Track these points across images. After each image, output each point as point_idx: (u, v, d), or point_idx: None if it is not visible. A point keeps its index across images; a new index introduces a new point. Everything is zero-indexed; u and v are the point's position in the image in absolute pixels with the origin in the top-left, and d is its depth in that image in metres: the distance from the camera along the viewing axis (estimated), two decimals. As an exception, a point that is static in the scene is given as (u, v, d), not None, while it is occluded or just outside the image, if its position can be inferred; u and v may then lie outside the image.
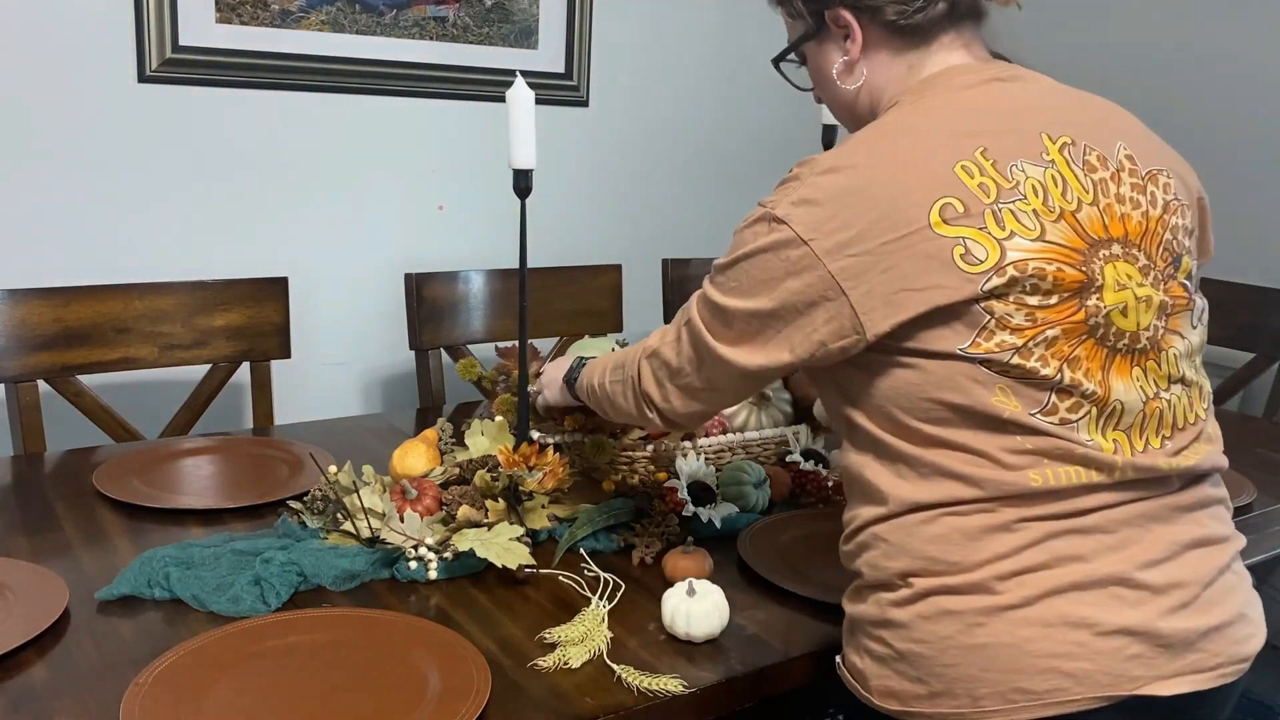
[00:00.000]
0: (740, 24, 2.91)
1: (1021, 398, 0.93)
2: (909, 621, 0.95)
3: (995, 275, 0.91)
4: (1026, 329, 0.92)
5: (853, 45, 1.05)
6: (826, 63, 1.08)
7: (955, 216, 0.92)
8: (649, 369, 1.13)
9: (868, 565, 1.00)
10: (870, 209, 0.93)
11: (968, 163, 0.94)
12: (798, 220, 0.95)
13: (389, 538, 1.25)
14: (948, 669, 0.93)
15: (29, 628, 1.07)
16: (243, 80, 2.21)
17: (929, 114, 0.99)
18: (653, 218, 2.87)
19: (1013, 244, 0.92)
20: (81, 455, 1.63)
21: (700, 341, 1.05)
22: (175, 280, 1.93)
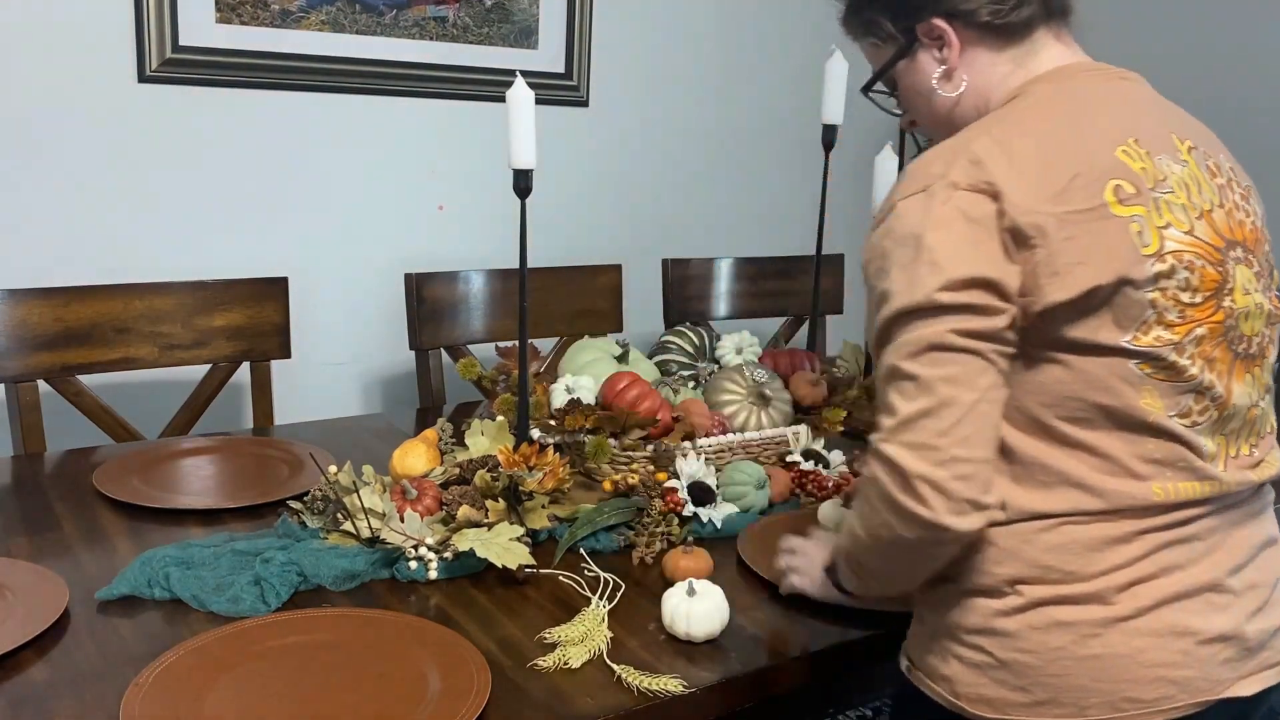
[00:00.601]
0: (740, 24, 2.91)
1: (1165, 399, 0.94)
2: (1017, 631, 0.95)
3: (1158, 260, 0.92)
4: (1178, 325, 0.94)
5: (950, 52, 1.04)
6: (923, 76, 1.07)
7: (1127, 197, 0.93)
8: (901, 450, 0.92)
9: (970, 569, 0.98)
10: (1054, 178, 0.92)
11: (1126, 148, 0.95)
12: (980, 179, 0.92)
13: (389, 538, 1.25)
14: (1056, 679, 0.94)
15: (29, 628, 1.07)
16: (243, 80, 2.21)
17: (1074, 99, 1.00)
18: (653, 218, 2.87)
19: (1169, 234, 0.94)
20: (81, 455, 1.63)
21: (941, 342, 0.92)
22: (175, 280, 1.93)
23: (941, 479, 0.89)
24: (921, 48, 1.06)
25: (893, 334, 0.94)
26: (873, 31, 1.09)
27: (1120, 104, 1.00)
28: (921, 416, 0.90)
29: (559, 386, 1.55)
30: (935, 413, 0.90)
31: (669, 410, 1.51)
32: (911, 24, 1.05)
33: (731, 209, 3.03)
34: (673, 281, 2.51)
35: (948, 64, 1.05)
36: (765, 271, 2.65)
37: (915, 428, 0.90)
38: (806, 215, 3.06)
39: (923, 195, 0.94)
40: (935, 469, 0.89)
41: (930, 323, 0.91)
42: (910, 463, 0.90)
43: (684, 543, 1.29)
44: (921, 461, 0.90)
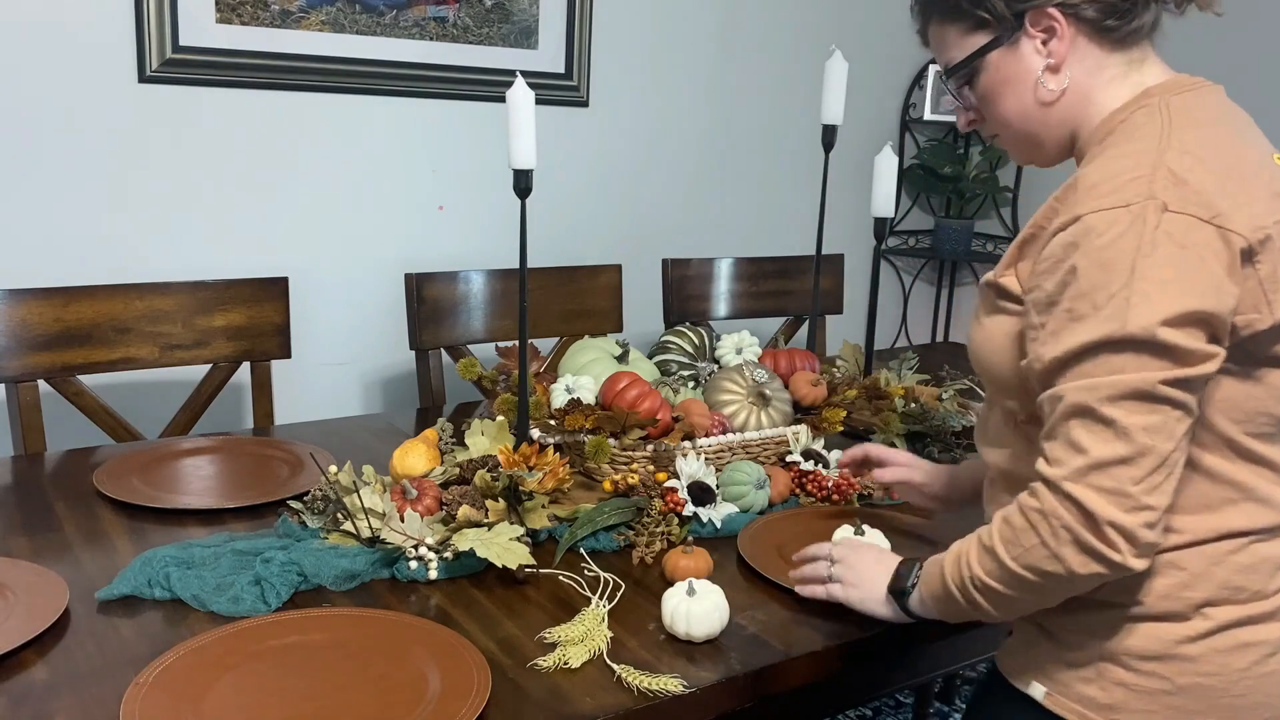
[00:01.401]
0: (740, 24, 2.92)
1: None
2: (1200, 655, 0.94)
3: None
4: None
5: (1059, 44, 1.00)
6: (1024, 68, 1.01)
7: None
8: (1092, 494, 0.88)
9: (1154, 595, 0.95)
10: (1258, 188, 0.92)
11: (1276, 156, 0.96)
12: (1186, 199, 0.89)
13: (389, 538, 1.25)
14: (1238, 699, 0.94)
15: (29, 628, 1.07)
16: (243, 80, 2.22)
17: (1218, 111, 0.98)
18: (653, 218, 2.87)
19: None
20: (82, 455, 1.63)
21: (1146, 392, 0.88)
22: (175, 280, 1.93)
23: (1131, 526, 0.88)
24: (1025, 36, 1.01)
25: (1084, 364, 0.89)
26: (969, 12, 1.02)
27: (1242, 117, 1.00)
28: (1117, 463, 0.87)
29: (559, 386, 1.55)
30: (1132, 461, 0.87)
31: (669, 410, 1.52)
32: (1024, 8, 1.00)
33: (731, 209, 3.03)
34: (673, 281, 2.51)
35: (1055, 57, 1.00)
36: (765, 271, 2.65)
37: (1109, 473, 0.88)
38: (806, 215, 3.06)
39: (1124, 212, 0.88)
40: (1126, 515, 0.87)
41: (1137, 361, 0.87)
42: (1102, 508, 0.88)
43: (684, 542, 1.29)
44: (1114, 507, 0.87)
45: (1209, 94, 1.00)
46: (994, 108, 1.06)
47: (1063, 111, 1.03)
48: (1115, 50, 1.01)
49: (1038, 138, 1.06)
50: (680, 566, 1.24)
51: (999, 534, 0.95)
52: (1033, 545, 0.92)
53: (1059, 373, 0.91)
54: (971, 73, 1.05)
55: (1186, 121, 0.95)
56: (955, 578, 0.99)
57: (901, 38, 3.27)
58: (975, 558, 0.97)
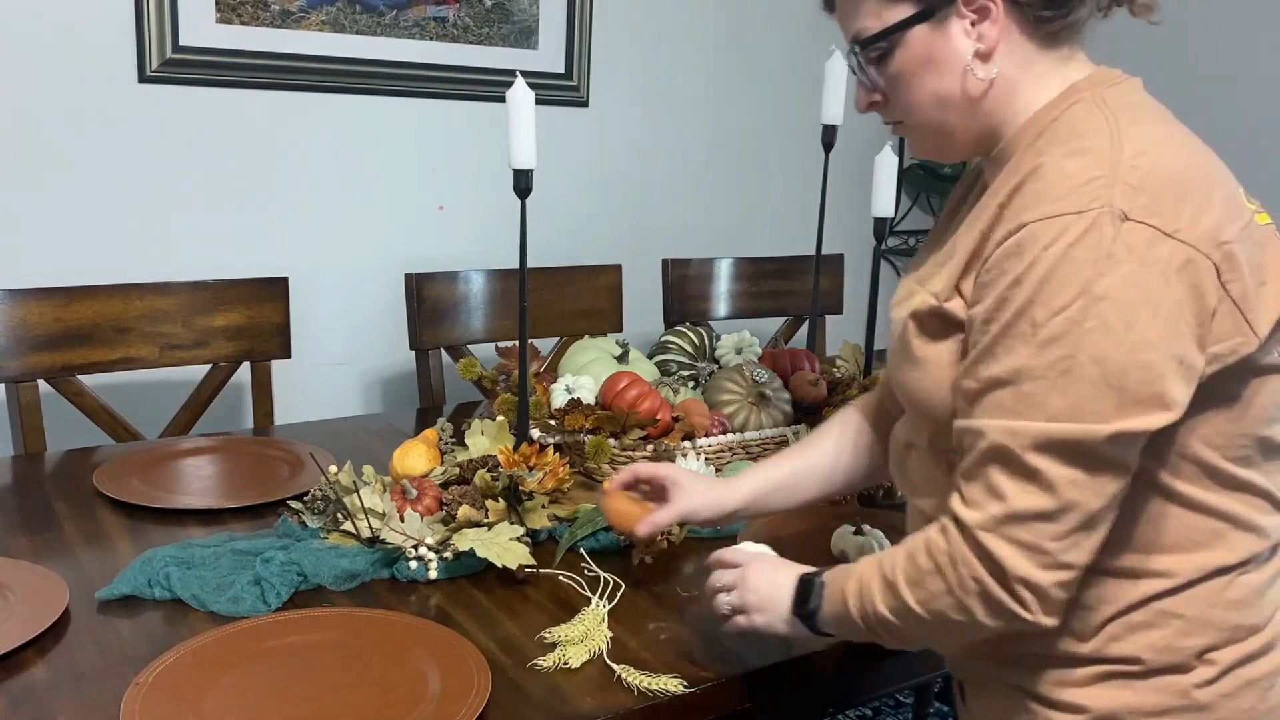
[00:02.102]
0: (740, 24, 2.91)
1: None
2: (1211, 703, 0.87)
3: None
4: None
5: (991, 28, 0.90)
6: (953, 51, 0.91)
7: (1258, 208, 0.89)
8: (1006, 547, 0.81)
9: (1152, 650, 0.87)
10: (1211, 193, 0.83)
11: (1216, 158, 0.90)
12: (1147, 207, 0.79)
13: (389, 538, 1.25)
14: None
15: (29, 628, 1.07)
16: (243, 80, 2.21)
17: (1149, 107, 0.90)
18: (653, 218, 2.87)
19: None
20: (81, 455, 1.63)
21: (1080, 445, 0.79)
22: (175, 280, 1.93)
23: (1044, 584, 0.81)
24: (956, 15, 0.90)
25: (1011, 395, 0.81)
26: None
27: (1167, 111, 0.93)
28: (1037, 518, 0.80)
29: (559, 386, 1.55)
30: (1054, 516, 0.80)
31: (669, 410, 1.52)
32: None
33: (731, 209, 3.03)
34: (673, 281, 2.51)
35: (985, 43, 0.90)
36: (765, 271, 2.65)
37: (1028, 527, 0.80)
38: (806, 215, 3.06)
39: (1076, 219, 0.79)
40: (1041, 572, 0.81)
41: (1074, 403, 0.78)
42: (1016, 563, 0.81)
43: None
44: (1028, 563, 0.80)
45: (1134, 88, 0.92)
46: (907, 91, 0.94)
47: (988, 104, 0.93)
48: (1046, 44, 0.92)
49: (950, 130, 0.95)
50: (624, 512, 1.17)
51: (903, 571, 0.88)
52: (938, 591, 0.85)
53: (980, 399, 0.83)
54: (887, 48, 0.93)
55: (1130, 118, 0.87)
56: (856, 606, 0.92)
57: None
58: (877, 590, 0.90)
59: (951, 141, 0.97)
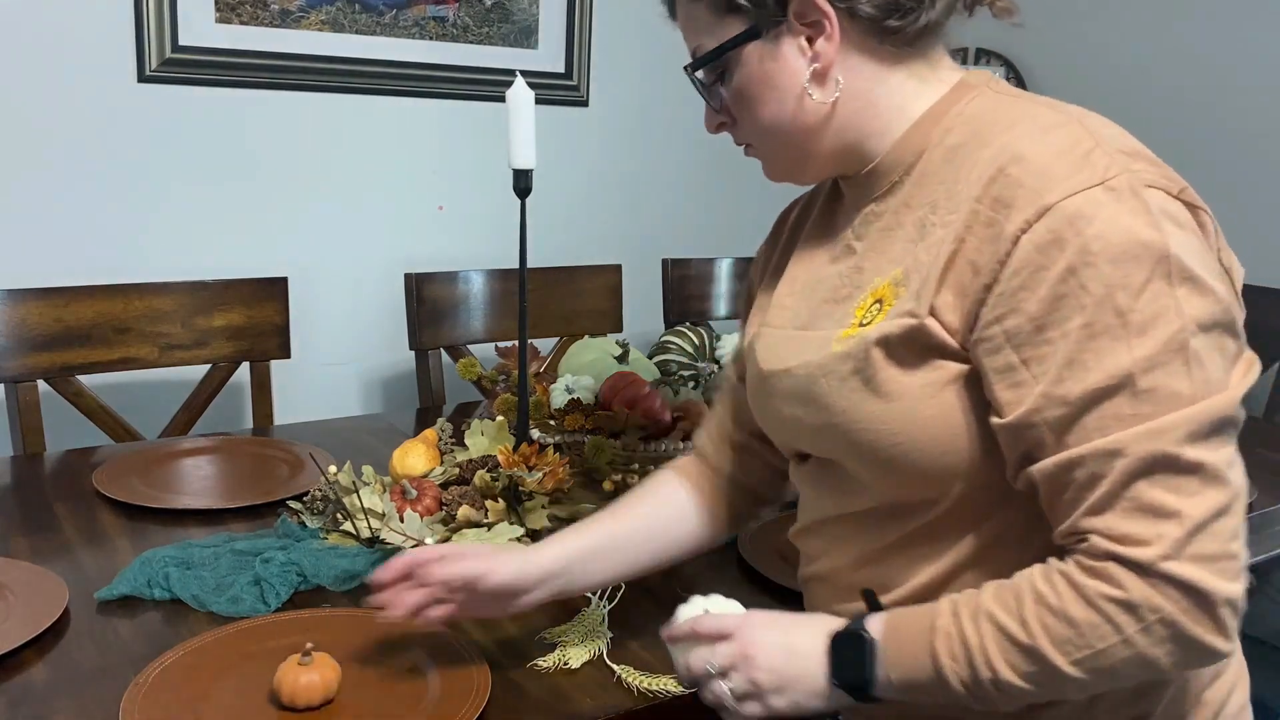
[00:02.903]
0: (740, 24, 2.91)
1: None
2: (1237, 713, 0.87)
3: None
4: None
5: (827, 46, 0.82)
6: (787, 70, 0.84)
7: None
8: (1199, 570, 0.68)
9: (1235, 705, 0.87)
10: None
11: None
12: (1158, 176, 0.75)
13: (389, 538, 1.25)
14: None
15: (29, 628, 1.07)
16: (242, 80, 2.21)
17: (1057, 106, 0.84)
18: (653, 218, 2.87)
19: None
20: (81, 455, 1.63)
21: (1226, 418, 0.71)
22: (175, 280, 1.93)
23: (1239, 597, 0.69)
24: (785, 33, 0.83)
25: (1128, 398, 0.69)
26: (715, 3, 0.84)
27: None
28: (1216, 517, 0.69)
29: (559, 386, 1.55)
30: (1230, 509, 0.69)
31: (669, 410, 1.52)
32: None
33: (731, 209, 3.03)
34: (673, 281, 2.51)
35: (820, 61, 0.83)
36: (765, 271, 2.65)
37: (1210, 533, 0.68)
38: (806, 215, 3.05)
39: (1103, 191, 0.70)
40: (1236, 585, 0.69)
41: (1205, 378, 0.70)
42: (1215, 583, 0.68)
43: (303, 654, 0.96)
44: (1224, 578, 0.68)
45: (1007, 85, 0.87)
46: (750, 112, 0.87)
47: (839, 122, 0.85)
48: (901, 55, 0.84)
49: (804, 151, 0.88)
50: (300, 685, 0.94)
51: (1048, 631, 0.71)
52: (1110, 646, 0.70)
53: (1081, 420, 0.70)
54: (723, 67, 0.86)
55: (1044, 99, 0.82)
56: (961, 673, 0.75)
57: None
58: (1000, 654, 0.73)
59: (807, 163, 0.89)
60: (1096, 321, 0.69)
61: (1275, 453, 1.87)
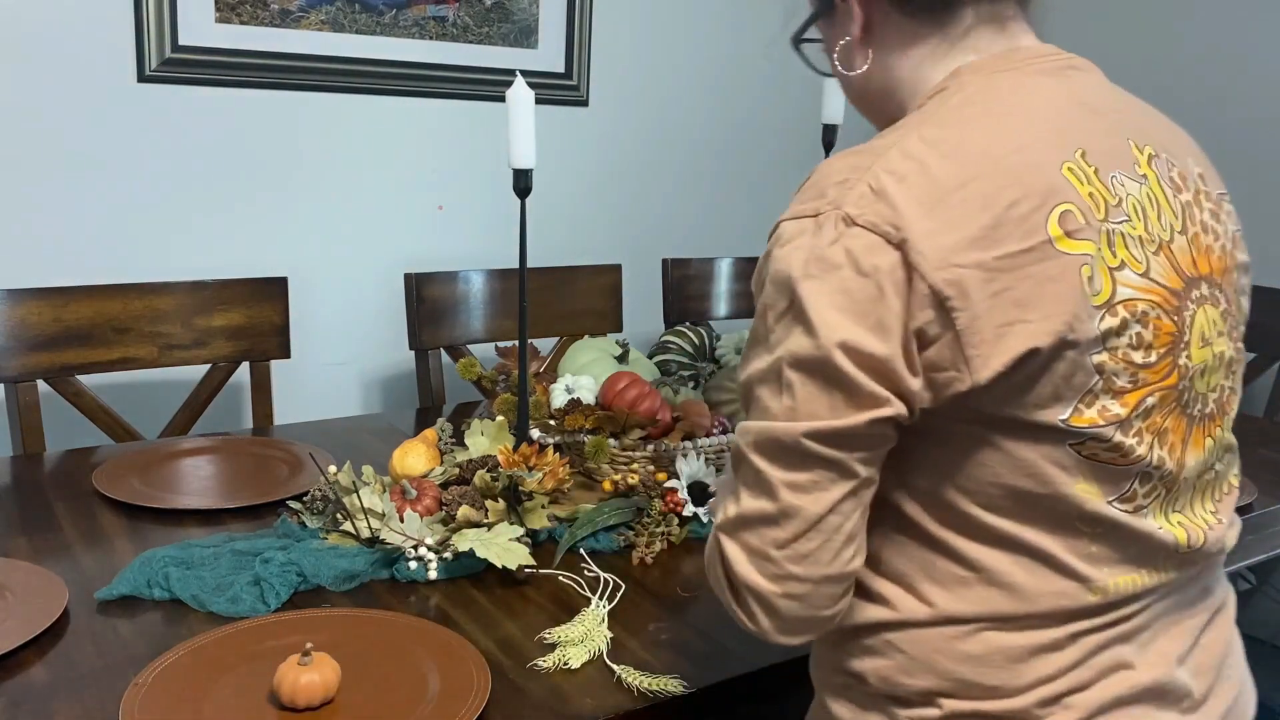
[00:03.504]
0: (740, 23, 2.91)
1: (1104, 484, 0.78)
2: None
3: (1108, 314, 0.74)
4: (1129, 392, 0.76)
5: (854, 25, 0.87)
6: (833, 41, 0.90)
7: (1077, 229, 0.74)
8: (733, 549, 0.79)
9: (875, 676, 0.82)
10: (981, 210, 0.72)
11: (1072, 164, 0.76)
12: (882, 218, 0.73)
13: (389, 538, 1.25)
14: None
15: (29, 628, 1.07)
16: (242, 80, 2.21)
17: (1010, 97, 0.80)
18: (653, 218, 2.87)
19: (1123, 277, 0.75)
20: (81, 455, 1.63)
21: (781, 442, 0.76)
22: (175, 280, 1.93)
23: (770, 595, 0.77)
24: (838, 12, 0.88)
25: (748, 400, 0.79)
26: None
27: (1067, 104, 0.81)
28: (760, 521, 0.77)
29: (559, 386, 1.55)
30: (775, 521, 0.76)
31: (669, 410, 1.51)
32: None
33: (731, 209, 3.03)
34: (673, 281, 2.51)
35: (851, 36, 0.87)
36: (765, 271, 2.64)
37: (753, 531, 0.77)
38: (806, 215, 3.06)
39: (810, 223, 0.75)
40: (766, 583, 0.77)
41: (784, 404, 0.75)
42: (741, 569, 0.78)
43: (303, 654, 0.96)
44: (753, 571, 0.78)
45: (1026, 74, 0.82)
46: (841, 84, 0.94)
47: (877, 100, 0.90)
48: (924, 26, 0.85)
49: (869, 115, 0.93)
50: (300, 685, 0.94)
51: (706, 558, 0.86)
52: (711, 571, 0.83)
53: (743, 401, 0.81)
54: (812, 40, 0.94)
55: (951, 114, 0.79)
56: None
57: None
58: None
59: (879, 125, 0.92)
60: (753, 331, 0.80)
61: (1276, 452, 1.87)
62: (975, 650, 0.79)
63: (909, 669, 0.81)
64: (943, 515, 0.79)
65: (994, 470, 0.77)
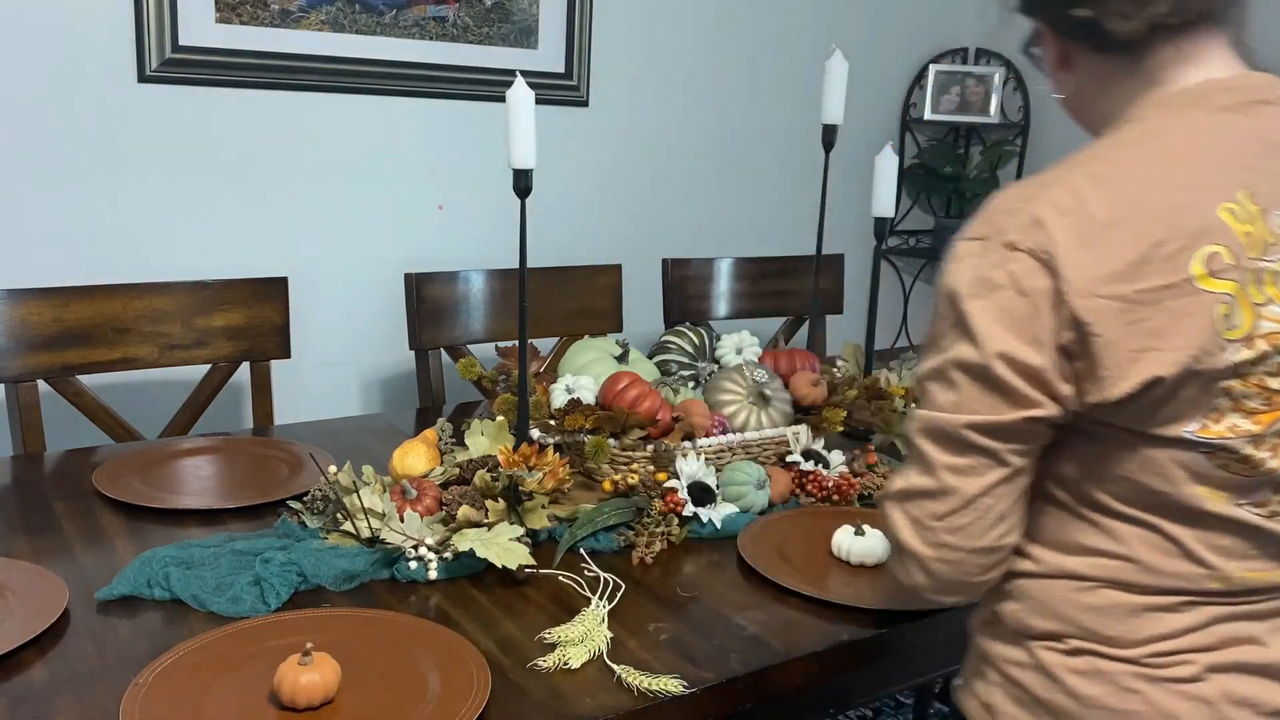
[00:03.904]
0: (740, 24, 2.91)
1: (1231, 490, 0.86)
2: (1059, 675, 0.92)
3: (1245, 347, 0.82)
4: (1263, 413, 0.84)
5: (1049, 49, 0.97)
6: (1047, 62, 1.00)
7: (1221, 269, 0.81)
8: (897, 515, 0.94)
9: (1010, 617, 0.95)
10: (1129, 247, 0.81)
11: (1233, 205, 0.83)
12: (1039, 246, 0.83)
13: (389, 538, 1.25)
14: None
15: (29, 628, 1.07)
16: (242, 80, 2.21)
17: (1186, 136, 0.87)
18: (653, 218, 2.87)
19: (1268, 312, 0.83)
20: (81, 455, 1.63)
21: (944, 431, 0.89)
22: (175, 280, 1.93)
23: (927, 559, 0.92)
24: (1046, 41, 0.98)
25: (921, 391, 0.92)
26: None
27: (1245, 141, 0.86)
28: (922, 495, 0.91)
29: (559, 386, 1.55)
30: (935, 496, 0.90)
31: (669, 410, 1.51)
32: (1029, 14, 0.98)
33: (731, 209, 3.03)
34: (673, 281, 2.51)
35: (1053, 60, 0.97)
36: (765, 271, 2.65)
37: (916, 502, 0.92)
38: (806, 215, 3.06)
39: (979, 246, 0.87)
40: (924, 548, 0.92)
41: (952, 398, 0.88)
42: (904, 535, 0.93)
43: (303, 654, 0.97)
44: (914, 538, 0.92)
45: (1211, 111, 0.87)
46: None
47: (1083, 111, 0.98)
48: (1117, 58, 0.91)
49: (1082, 126, 1.00)
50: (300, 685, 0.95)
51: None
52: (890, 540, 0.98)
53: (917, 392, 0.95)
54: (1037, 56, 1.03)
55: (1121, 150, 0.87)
56: None
57: (902, 37, 3.28)
58: None
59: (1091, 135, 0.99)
60: (928, 334, 0.92)
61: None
62: (1096, 603, 0.90)
63: (1038, 612, 0.93)
64: (1083, 497, 0.91)
65: (1128, 468, 0.87)
